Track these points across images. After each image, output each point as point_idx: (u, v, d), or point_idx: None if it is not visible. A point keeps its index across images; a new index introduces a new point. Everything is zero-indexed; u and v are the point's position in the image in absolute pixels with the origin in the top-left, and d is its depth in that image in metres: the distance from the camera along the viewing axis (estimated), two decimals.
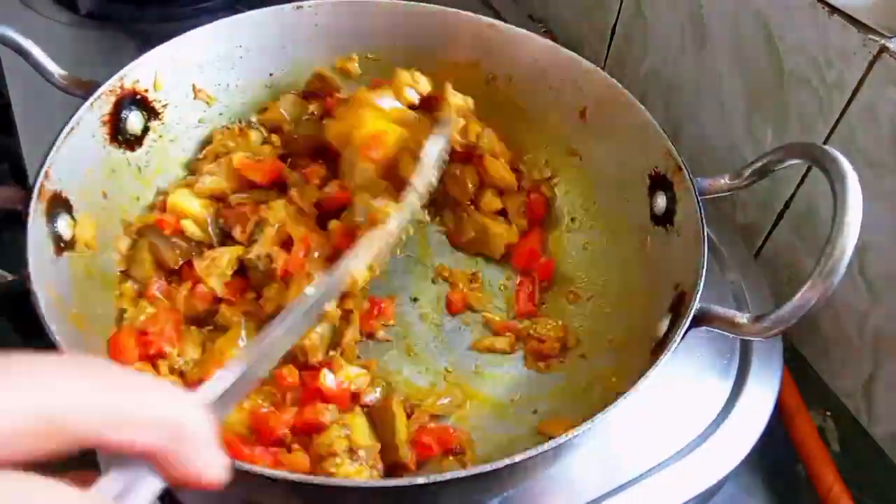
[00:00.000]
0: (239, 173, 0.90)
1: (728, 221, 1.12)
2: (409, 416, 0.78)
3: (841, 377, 0.99)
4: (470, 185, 0.97)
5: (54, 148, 0.73)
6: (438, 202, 0.99)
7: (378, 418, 0.76)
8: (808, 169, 0.97)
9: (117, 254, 0.83)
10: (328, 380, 0.77)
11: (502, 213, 1.00)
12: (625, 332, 0.86)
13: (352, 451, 0.70)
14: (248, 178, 0.90)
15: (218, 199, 0.90)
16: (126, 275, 0.83)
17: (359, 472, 0.69)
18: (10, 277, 0.68)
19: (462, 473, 0.56)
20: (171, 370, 0.77)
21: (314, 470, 0.70)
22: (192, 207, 0.87)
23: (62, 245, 0.73)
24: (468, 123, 0.95)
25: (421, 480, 0.55)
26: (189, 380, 0.77)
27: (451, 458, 0.77)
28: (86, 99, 0.79)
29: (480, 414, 0.84)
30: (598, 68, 0.94)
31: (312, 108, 1.00)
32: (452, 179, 0.98)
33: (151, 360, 0.77)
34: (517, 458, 0.57)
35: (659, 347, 0.72)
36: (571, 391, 0.86)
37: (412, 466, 0.74)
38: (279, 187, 0.93)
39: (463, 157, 0.97)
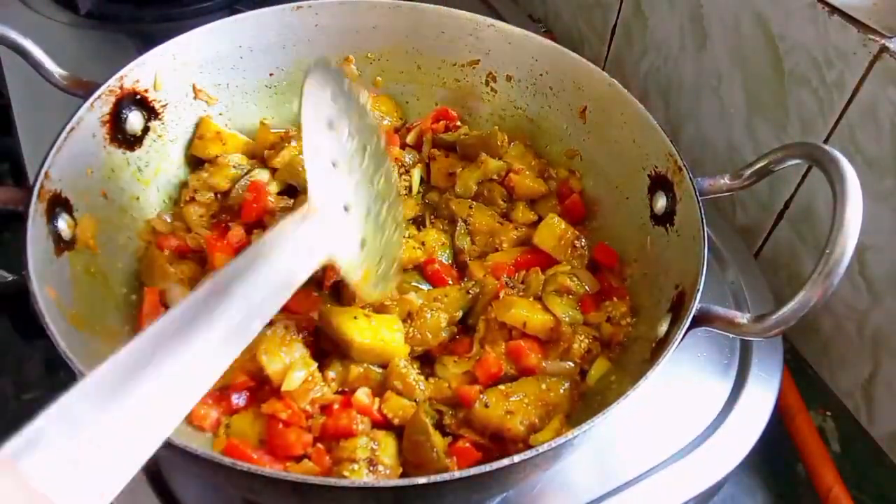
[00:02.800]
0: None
1: (728, 222, 1.12)
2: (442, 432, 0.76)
3: (841, 377, 0.99)
4: (501, 202, 0.98)
5: (54, 148, 0.73)
6: None
7: (410, 431, 0.73)
8: (808, 169, 0.97)
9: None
10: (365, 398, 0.76)
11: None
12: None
13: (372, 463, 0.70)
14: None
15: None
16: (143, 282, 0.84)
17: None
18: (10, 277, 0.68)
19: (462, 474, 0.56)
20: None
21: (330, 472, 0.70)
22: None
23: (62, 245, 0.73)
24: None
25: (421, 481, 0.55)
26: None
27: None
28: (86, 99, 0.79)
29: None
30: (599, 68, 0.94)
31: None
32: (483, 200, 0.97)
33: None
34: (517, 458, 0.57)
35: (659, 347, 0.72)
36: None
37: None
38: None
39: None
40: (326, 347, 0.80)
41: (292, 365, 0.74)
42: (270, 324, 0.78)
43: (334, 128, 0.67)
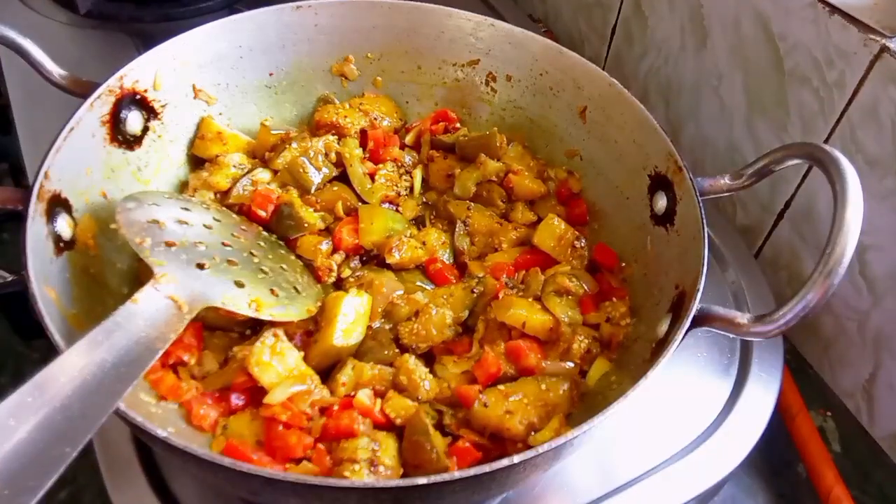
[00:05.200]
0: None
1: (728, 222, 1.12)
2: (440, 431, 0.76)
3: (841, 377, 0.99)
4: (500, 202, 0.98)
5: (54, 148, 0.73)
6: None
7: (410, 432, 0.73)
8: (809, 169, 0.97)
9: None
10: (367, 400, 0.75)
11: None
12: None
13: (373, 464, 0.69)
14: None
15: None
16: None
17: None
18: (9, 277, 0.68)
19: (462, 474, 0.56)
20: (192, 377, 0.77)
21: (331, 473, 0.70)
22: None
23: (62, 245, 0.73)
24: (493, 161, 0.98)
25: (422, 481, 0.55)
26: (211, 387, 0.76)
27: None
28: (85, 99, 0.79)
29: None
30: (599, 68, 0.94)
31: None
32: (482, 201, 0.98)
33: (172, 367, 0.77)
34: (517, 458, 0.57)
35: (659, 348, 0.72)
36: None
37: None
38: None
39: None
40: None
41: (286, 376, 0.74)
42: (259, 333, 0.78)
43: (158, 223, 0.77)
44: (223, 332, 0.81)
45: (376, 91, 1.07)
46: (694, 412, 0.87)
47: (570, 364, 0.81)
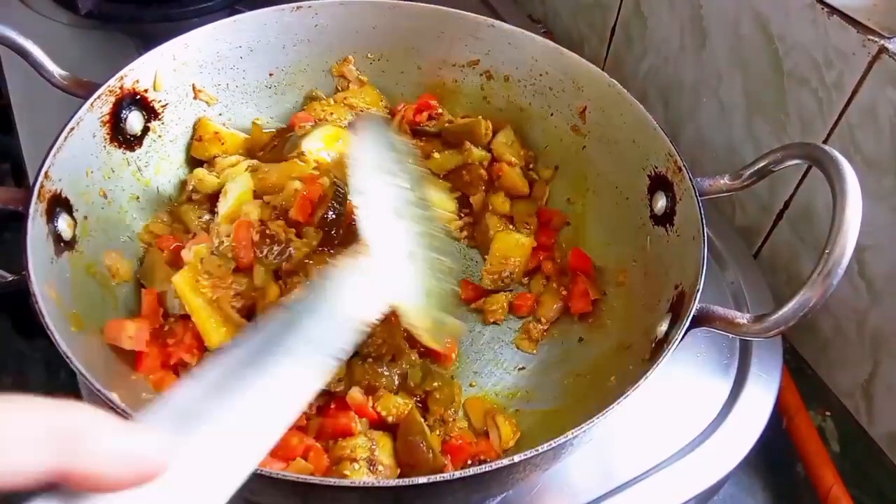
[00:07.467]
0: None
1: (728, 222, 1.12)
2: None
3: (840, 377, 0.99)
4: (481, 187, 0.98)
5: (54, 148, 0.73)
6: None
7: (405, 432, 0.73)
8: (808, 169, 0.97)
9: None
10: (360, 395, 0.76)
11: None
12: (625, 333, 0.86)
13: (371, 463, 0.70)
14: None
15: None
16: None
17: None
18: (10, 277, 0.68)
19: (462, 474, 0.56)
20: None
21: (329, 472, 0.70)
22: None
23: (62, 245, 0.73)
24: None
25: (422, 480, 0.55)
26: None
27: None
28: (86, 99, 0.79)
29: None
30: (598, 68, 0.94)
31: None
32: (460, 179, 0.98)
33: (173, 369, 0.77)
34: (517, 458, 0.57)
35: (659, 347, 0.72)
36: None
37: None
38: None
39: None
40: None
41: None
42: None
43: (392, 175, 0.64)
44: None
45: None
46: (693, 412, 0.87)
47: None
